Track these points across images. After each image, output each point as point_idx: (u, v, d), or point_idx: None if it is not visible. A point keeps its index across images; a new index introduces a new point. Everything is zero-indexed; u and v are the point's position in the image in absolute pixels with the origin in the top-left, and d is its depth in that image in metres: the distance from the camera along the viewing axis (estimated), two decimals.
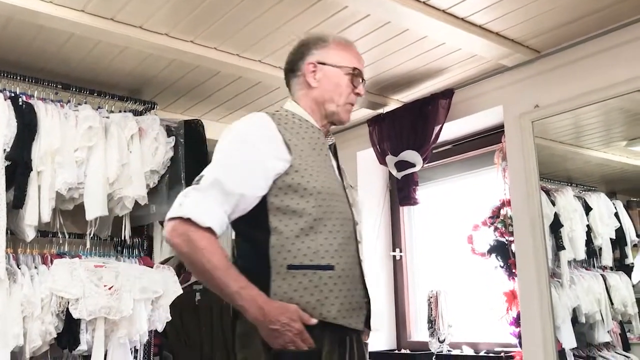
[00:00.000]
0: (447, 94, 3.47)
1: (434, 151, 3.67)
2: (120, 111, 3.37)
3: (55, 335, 2.85)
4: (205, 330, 4.40)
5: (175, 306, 3.38)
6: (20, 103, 2.96)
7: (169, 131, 3.41)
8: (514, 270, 3.25)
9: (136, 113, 3.45)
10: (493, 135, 3.64)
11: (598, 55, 2.93)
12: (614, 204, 3.53)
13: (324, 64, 1.86)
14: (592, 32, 2.92)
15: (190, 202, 1.58)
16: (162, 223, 4.87)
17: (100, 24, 2.72)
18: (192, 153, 3.43)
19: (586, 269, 3.41)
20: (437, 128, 3.50)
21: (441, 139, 3.59)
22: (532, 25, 2.85)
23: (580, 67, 3.00)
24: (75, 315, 2.84)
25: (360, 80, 1.89)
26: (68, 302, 2.85)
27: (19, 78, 3.07)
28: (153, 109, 3.51)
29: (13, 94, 3.01)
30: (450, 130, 3.67)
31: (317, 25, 2.80)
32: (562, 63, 3.07)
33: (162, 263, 3.59)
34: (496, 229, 3.37)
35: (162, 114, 3.63)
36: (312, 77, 1.85)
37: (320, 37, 1.92)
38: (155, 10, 2.68)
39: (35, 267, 2.97)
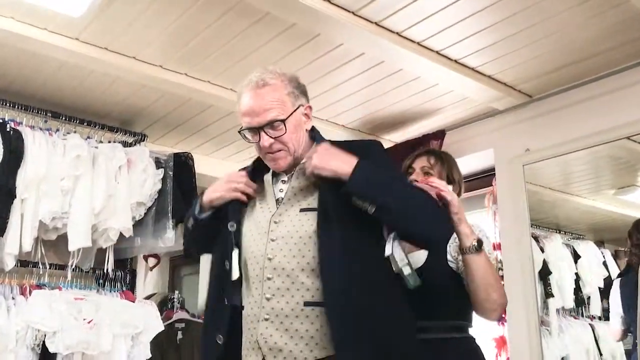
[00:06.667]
0: (439, 135, 3.48)
1: None
2: (109, 142, 3.34)
3: None
4: None
5: (156, 344, 3.29)
6: (8, 129, 2.93)
7: (158, 163, 3.38)
8: (503, 316, 3.19)
9: (126, 144, 3.42)
10: (484, 178, 3.64)
11: (589, 102, 2.96)
12: (602, 253, 3.52)
13: None
14: (584, 78, 2.95)
15: None
16: (145, 257, 4.80)
17: (93, 52, 2.71)
18: (180, 186, 3.39)
19: (575, 318, 3.37)
20: None
21: None
22: (524, 69, 2.88)
23: (572, 113, 3.02)
24: (51, 349, 2.74)
25: (251, 134, 1.69)
26: (45, 335, 2.75)
27: (8, 105, 3.04)
28: (143, 141, 3.48)
29: (1, 120, 2.97)
30: None
31: (312, 62, 2.81)
32: (554, 108, 3.09)
33: (146, 299, 3.51)
34: None
35: (152, 146, 3.60)
36: None
37: None
38: (150, 42, 2.68)
39: (13, 298, 2.87)
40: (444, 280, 1.84)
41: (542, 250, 3.45)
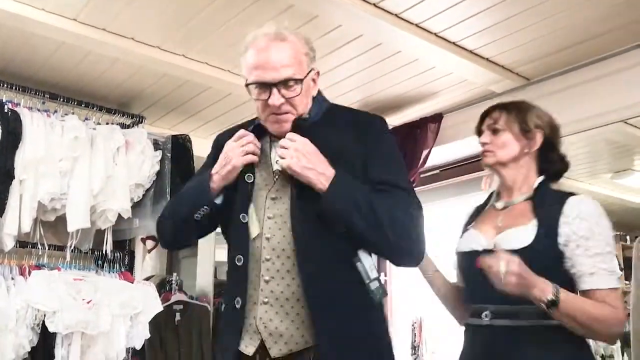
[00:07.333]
0: (437, 118, 3.49)
1: (421, 175, 3.66)
2: (107, 124, 3.34)
3: (29, 350, 2.76)
4: (184, 351, 4.32)
5: (154, 325, 3.31)
6: (6, 110, 2.92)
7: (156, 145, 3.39)
8: None
9: (124, 126, 3.42)
10: (481, 161, 3.65)
11: (586, 85, 2.96)
12: None
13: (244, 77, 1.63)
14: (582, 61, 2.95)
15: None
16: (143, 240, 4.83)
17: (92, 33, 2.70)
18: (178, 168, 3.39)
19: None
20: (425, 152, 3.50)
21: (429, 163, 3.60)
22: (523, 52, 2.88)
23: (569, 96, 3.02)
24: (51, 329, 2.76)
25: (258, 90, 1.54)
26: (44, 315, 2.77)
27: (5, 86, 3.03)
28: (141, 122, 3.49)
29: None
30: (439, 154, 3.67)
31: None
32: (551, 91, 3.09)
33: (144, 281, 3.53)
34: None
35: (150, 128, 3.61)
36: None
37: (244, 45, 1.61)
38: (148, 22, 2.67)
39: (12, 278, 2.89)
40: (546, 262, 1.63)
41: None
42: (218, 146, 1.67)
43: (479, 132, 1.94)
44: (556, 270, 1.63)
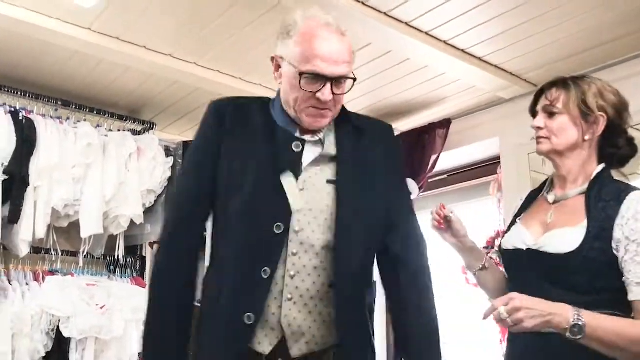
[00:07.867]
0: (445, 123, 3.51)
1: (429, 180, 3.68)
2: (119, 130, 3.38)
3: (43, 354, 2.81)
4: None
5: None
6: (20, 118, 2.97)
7: (168, 151, 3.43)
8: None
9: (135, 133, 3.46)
10: (489, 166, 3.67)
11: None
12: None
13: (283, 59, 1.50)
14: (589, 67, 2.95)
15: None
16: (151, 244, 4.84)
17: (105, 42, 2.74)
18: None
19: None
20: (433, 157, 3.53)
21: (437, 168, 3.62)
22: (531, 59, 2.90)
23: None
24: (65, 334, 2.80)
25: (309, 80, 1.44)
26: (59, 320, 2.81)
27: (19, 93, 3.08)
28: (152, 129, 3.52)
29: (13, 109, 3.01)
30: (447, 160, 3.70)
31: None
32: None
33: None
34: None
35: (161, 134, 3.64)
36: (276, 73, 1.54)
37: (288, 25, 1.50)
38: (160, 31, 2.71)
39: (27, 284, 2.94)
40: (596, 267, 1.45)
41: None
42: (219, 115, 1.56)
43: (533, 114, 1.70)
44: (609, 277, 1.45)
